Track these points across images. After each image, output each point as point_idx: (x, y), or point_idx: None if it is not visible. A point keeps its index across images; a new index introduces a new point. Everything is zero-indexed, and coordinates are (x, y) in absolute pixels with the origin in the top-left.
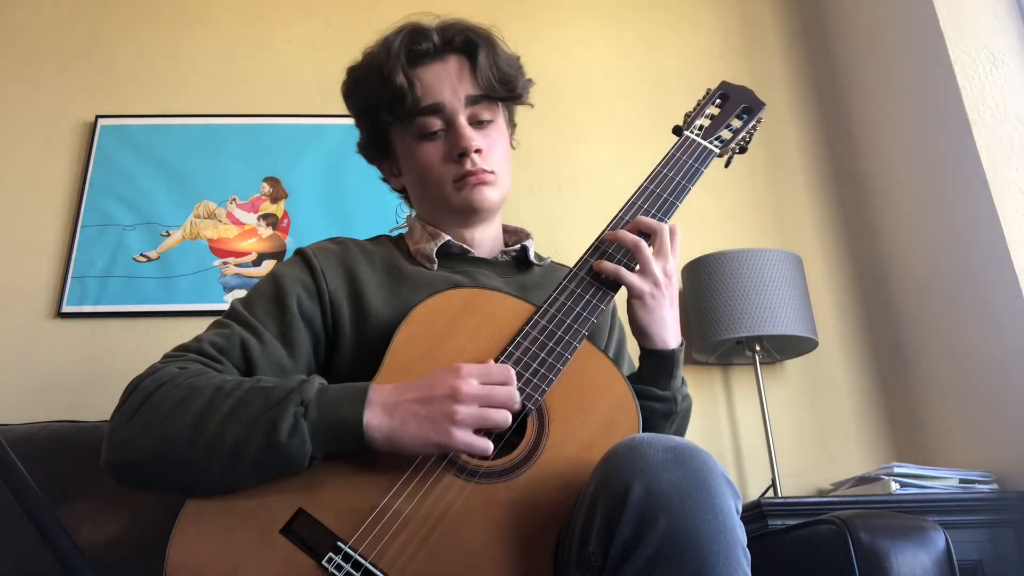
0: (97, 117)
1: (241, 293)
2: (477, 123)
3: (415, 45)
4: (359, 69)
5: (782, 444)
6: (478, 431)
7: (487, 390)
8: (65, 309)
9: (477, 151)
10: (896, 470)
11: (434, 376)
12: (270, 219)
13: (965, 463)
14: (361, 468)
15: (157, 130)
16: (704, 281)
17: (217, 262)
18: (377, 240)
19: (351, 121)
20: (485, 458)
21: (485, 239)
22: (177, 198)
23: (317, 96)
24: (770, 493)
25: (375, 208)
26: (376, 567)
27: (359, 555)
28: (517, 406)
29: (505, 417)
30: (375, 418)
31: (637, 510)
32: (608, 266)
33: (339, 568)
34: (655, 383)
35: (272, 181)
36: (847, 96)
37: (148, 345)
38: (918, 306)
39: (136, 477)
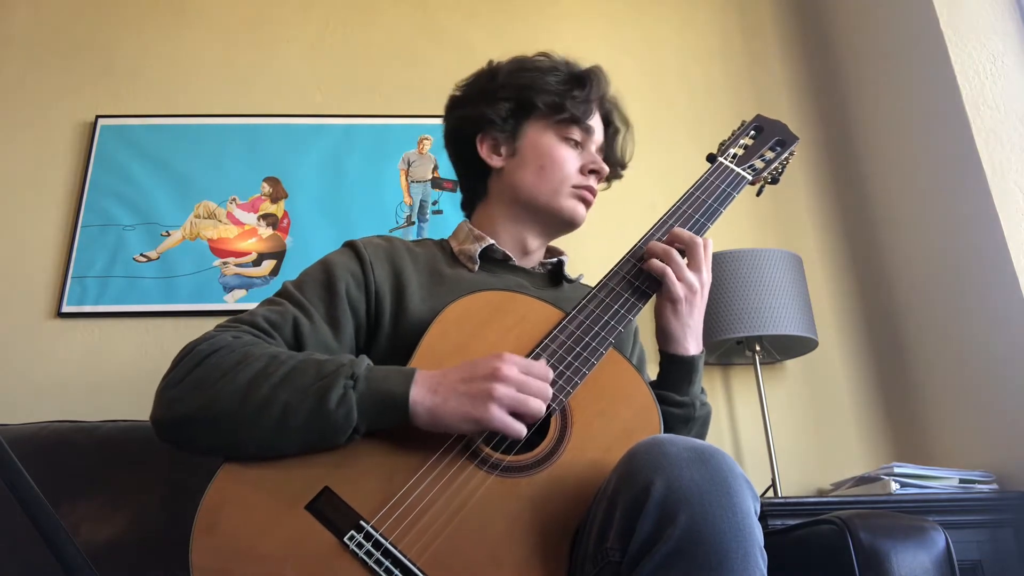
0: (97, 117)
1: (241, 293)
2: None
3: (603, 81)
4: (544, 58)
5: (782, 444)
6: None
7: (526, 378)
8: (65, 309)
9: (601, 178)
10: (896, 470)
11: (477, 359)
12: (270, 219)
13: (965, 463)
14: (388, 453)
15: (157, 130)
16: None
17: (217, 262)
18: (421, 242)
19: (351, 121)
20: (508, 452)
21: (535, 253)
22: (177, 198)
23: (317, 96)
24: (770, 493)
25: (375, 208)
26: (396, 547)
27: (380, 535)
28: (549, 399)
29: (539, 406)
30: (419, 394)
31: (658, 506)
32: (657, 265)
33: (360, 546)
34: (675, 388)
35: (272, 181)
36: (847, 96)
37: (148, 345)
38: (918, 306)
39: (183, 434)
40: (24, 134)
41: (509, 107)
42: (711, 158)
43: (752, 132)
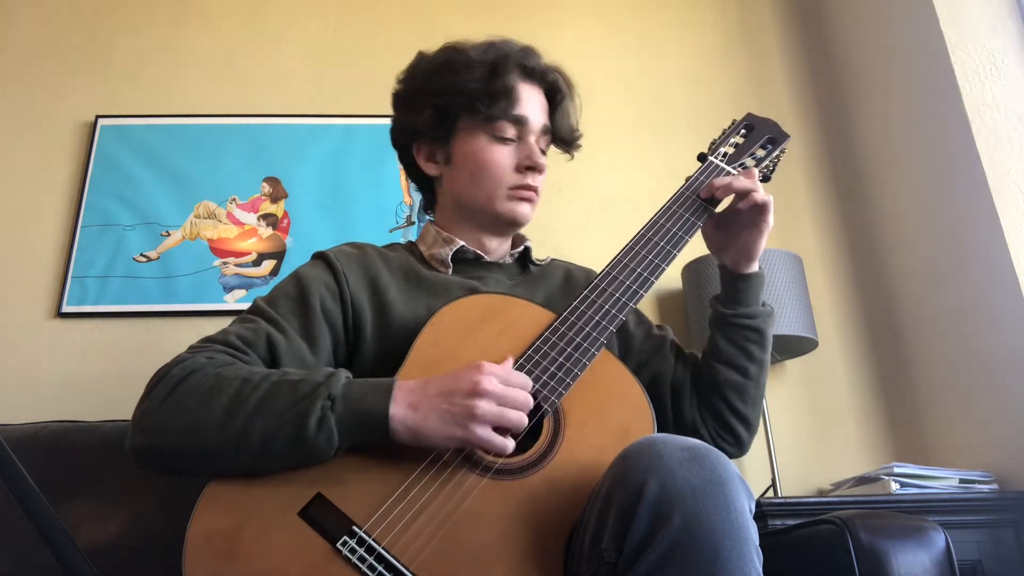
0: (97, 117)
1: (241, 293)
2: (540, 151)
3: (526, 61)
4: (459, 53)
5: (782, 444)
6: (496, 430)
7: (506, 390)
8: (65, 309)
9: (540, 172)
10: (896, 470)
11: (457, 372)
12: (270, 219)
13: (965, 463)
14: (380, 458)
15: (157, 130)
16: (704, 281)
17: (217, 262)
18: (392, 247)
19: (351, 121)
20: (501, 455)
21: (499, 249)
22: (177, 198)
23: (317, 96)
24: (770, 493)
25: (375, 208)
26: (389, 552)
27: (373, 540)
28: (529, 408)
29: (521, 418)
30: (400, 411)
31: (652, 506)
32: (740, 183)
33: (353, 551)
34: (755, 299)
35: (272, 181)
36: (847, 96)
37: (148, 345)
38: (918, 306)
39: (162, 463)
40: (24, 134)
41: (432, 115)
42: (702, 157)
43: (743, 130)
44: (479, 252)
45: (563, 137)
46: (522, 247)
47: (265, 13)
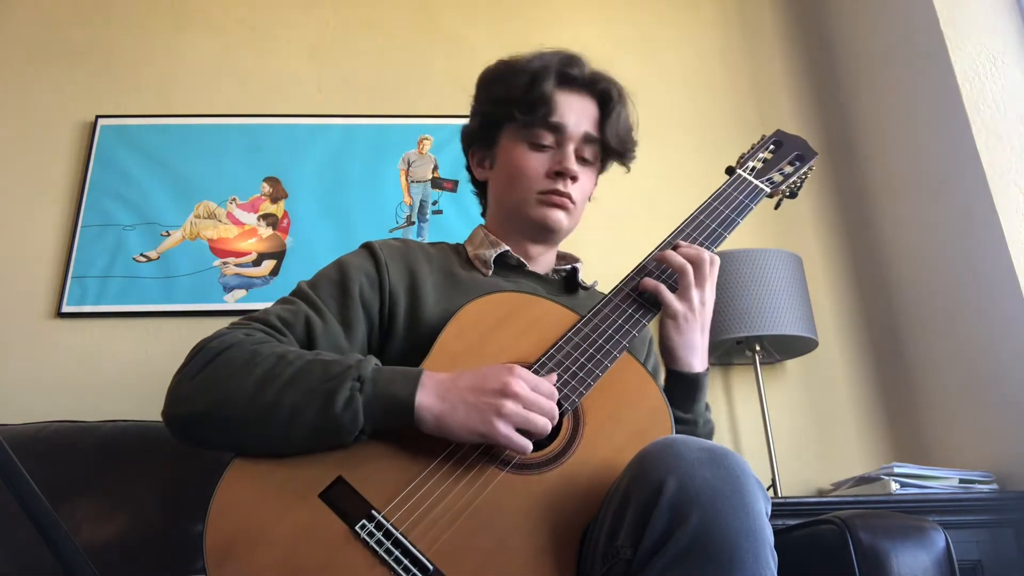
0: (97, 117)
1: (241, 293)
2: (580, 158)
3: (568, 68)
4: (507, 64)
5: (782, 444)
6: (519, 431)
7: (534, 396)
8: (65, 309)
9: (573, 178)
10: (896, 470)
11: (488, 369)
12: (270, 219)
13: (965, 463)
14: (402, 447)
15: (157, 130)
16: None
17: (217, 262)
18: (436, 245)
19: (351, 121)
20: (520, 455)
21: (543, 259)
22: (177, 198)
23: (317, 96)
24: (770, 493)
25: (375, 208)
26: (406, 538)
27: (391, 525)
28: (555, 420)
29: (545, 424)
30: (427, 399)
31: (670, 505)
32: (650, 283)
33: (371, 535)
34: (678, 405)
35: (272, 181)
36: (847, 95)
37: (148, 345)
38: (918, 306)
39: (193, 432)
40: (24, 134)
41: (480, 121)
42: (730, 170)
43: (771, 146)
44: (522, 259)
45: (610, 145)
46: (570, 267)
47: (265, 13)
